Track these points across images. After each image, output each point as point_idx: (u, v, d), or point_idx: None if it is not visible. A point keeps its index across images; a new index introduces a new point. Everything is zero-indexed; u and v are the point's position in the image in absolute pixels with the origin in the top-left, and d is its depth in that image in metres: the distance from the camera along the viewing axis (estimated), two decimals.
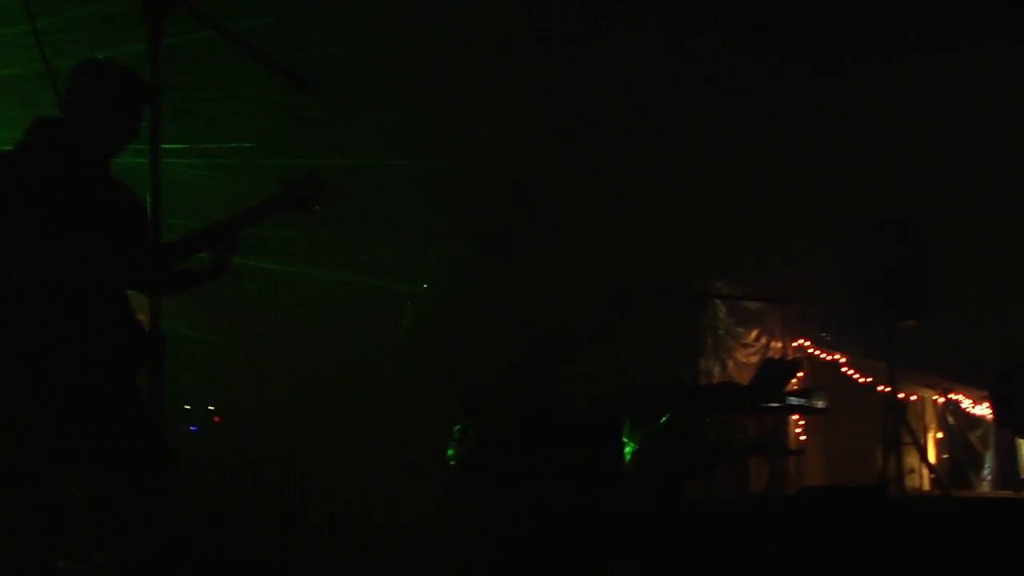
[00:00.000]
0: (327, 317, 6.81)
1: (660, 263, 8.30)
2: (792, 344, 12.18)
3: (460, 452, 4.95)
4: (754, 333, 11.39)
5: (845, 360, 12.56)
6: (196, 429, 7.16)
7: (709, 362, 10.14)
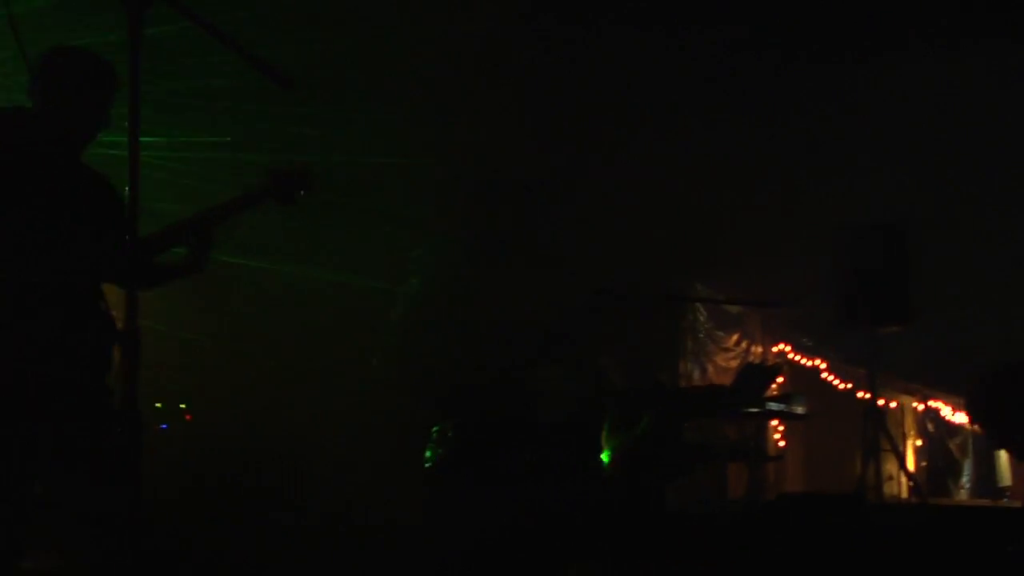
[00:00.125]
0: (306, 315, 6.80)
1: (640, 265, 8.33)
2: (772, 349, 12.26)
3: (437, 454, 4.96)
4: (734, 337, 11.45)
5: (825, 365, 12.64)
6: (166, 427, 7.14)
7: (689, 365, 10.19)
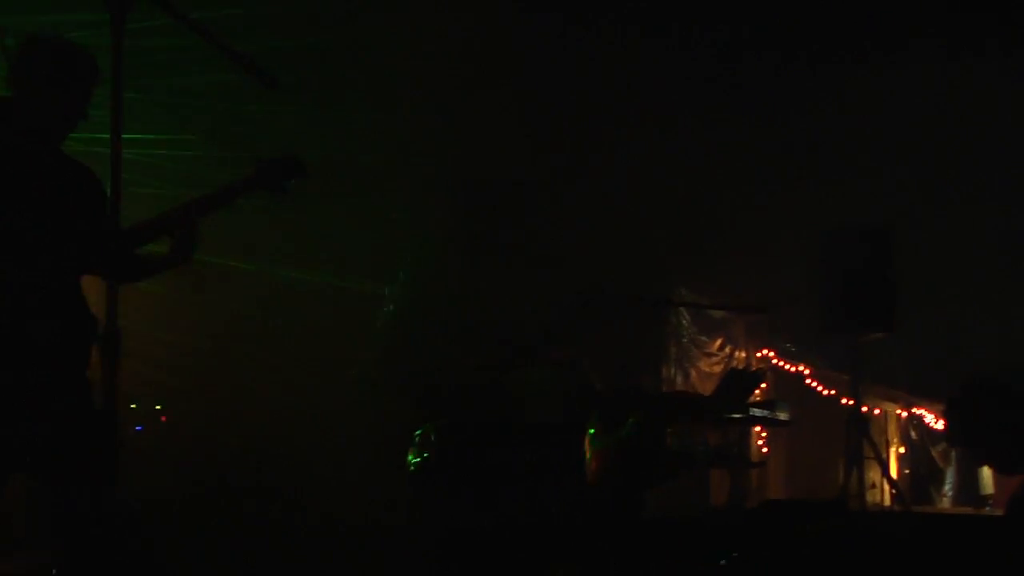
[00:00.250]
0: (290, 316, 6.79)
1: (624, 269, 8.37)
2: (756, 354, 12.31)
3: (421, 457, 4.97)
4: (718, 342, 11.49)
5: (809, 372, 12.70)
6: (141, 428, 7.12)
7: (672, 370, 10.22)
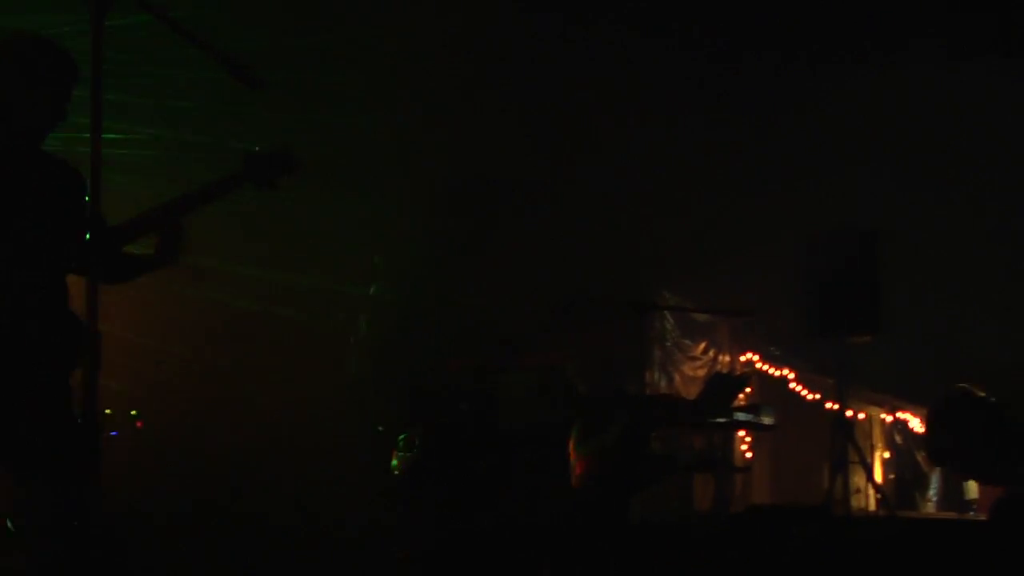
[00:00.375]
0: (270, 319, 6.78)
1: (607, 273, 8.40)
2: (740, 358, 12.35)
3: (404, 461, 4.98)
4: (702, 346, 11.53)
5: (794, 376, 12.76)
6: (116, 434, 7.10)
7: (656, 375, 10.26)
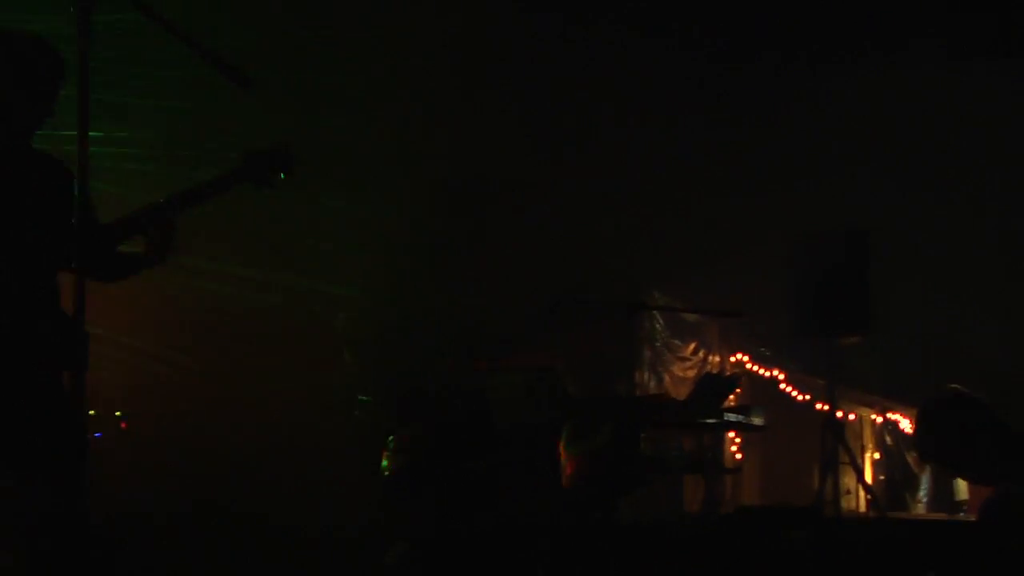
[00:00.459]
0: (257, 318, 6.77)
1: (597, 273, 8.42)
2: (730, 358, 12.40)
3: (395, 463, 4.99)
4: (691, 346, 11.57)
5: (784, 376, 12.80)
6: (100, 435, 7.07)
7: (645, 375, 10.28)
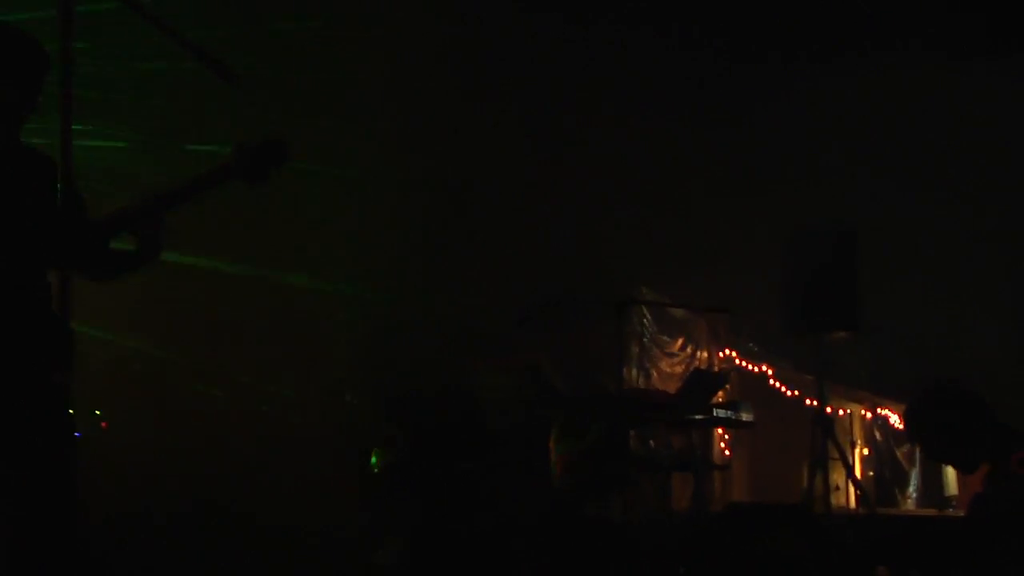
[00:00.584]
0: (241, 316, 6.76)
1: (585, 268, 8.44)
2: (718, 354, 12.43)
3: (385, 458, 4.99)
4: (679, 342, 11.59)
5: (773, 372, 12.86)
6: (79, 435, 7.04)
7: (633, 371, 10.30)
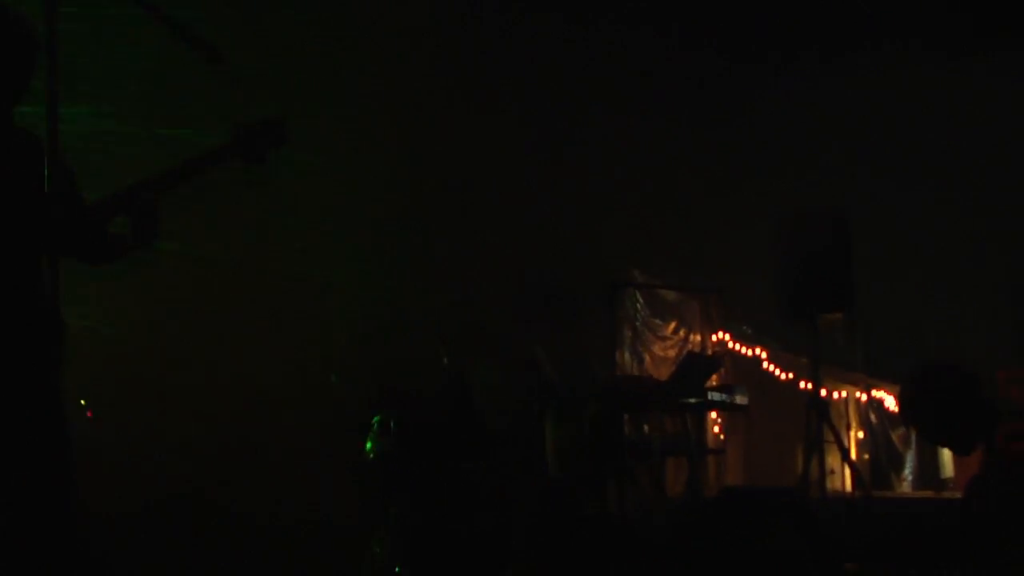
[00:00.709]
0: (231, 305, 6.74)
1: (576, 252, 8.44)
2: (712, 337, 12.43)
3: (379, 447, 5.00)
4: (672, 325, 11.57)
5: (767, 355, 12.87)
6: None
7: (626, 355, 10.29)
